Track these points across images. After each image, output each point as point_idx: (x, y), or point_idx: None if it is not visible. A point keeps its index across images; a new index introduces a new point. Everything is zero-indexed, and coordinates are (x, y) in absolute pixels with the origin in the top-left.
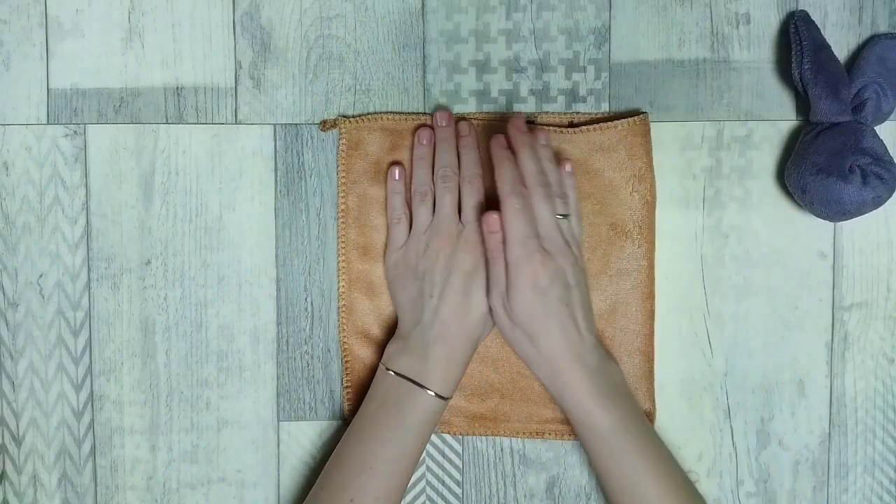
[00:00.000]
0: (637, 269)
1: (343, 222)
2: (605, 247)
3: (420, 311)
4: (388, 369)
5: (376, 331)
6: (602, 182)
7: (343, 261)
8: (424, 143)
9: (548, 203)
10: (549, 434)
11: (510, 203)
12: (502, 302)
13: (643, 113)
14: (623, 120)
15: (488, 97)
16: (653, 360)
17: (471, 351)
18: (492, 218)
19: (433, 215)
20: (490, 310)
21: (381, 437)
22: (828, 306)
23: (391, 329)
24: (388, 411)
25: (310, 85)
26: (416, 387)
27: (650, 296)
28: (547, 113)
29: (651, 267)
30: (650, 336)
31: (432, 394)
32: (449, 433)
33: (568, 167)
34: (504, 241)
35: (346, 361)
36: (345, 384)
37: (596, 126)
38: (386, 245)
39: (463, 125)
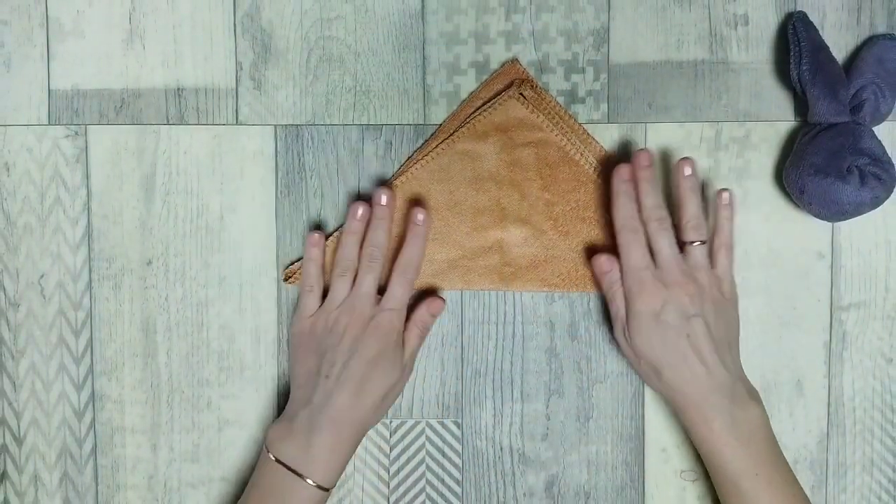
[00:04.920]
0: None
1: None
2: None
3: (312, 390)
4: (269, 453)
5: None
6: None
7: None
8: (358, 218)
9: (665, 235)
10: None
11: (623, 236)
12: (624, 334)
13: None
14: (498, 98)
15: None
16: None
17: (358, 440)
18: (600, 260)
19: (350, 292)
20: (398, 395)
21: None
22: (826, 306)
23: None
24: (270, 502)
25: (310, 86)
26: (297, 477)
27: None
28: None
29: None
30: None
31: (313, 485)
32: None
33: (725, 198)
34: (623, 274)
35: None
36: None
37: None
38: (294, 311)
39: (418, 212)
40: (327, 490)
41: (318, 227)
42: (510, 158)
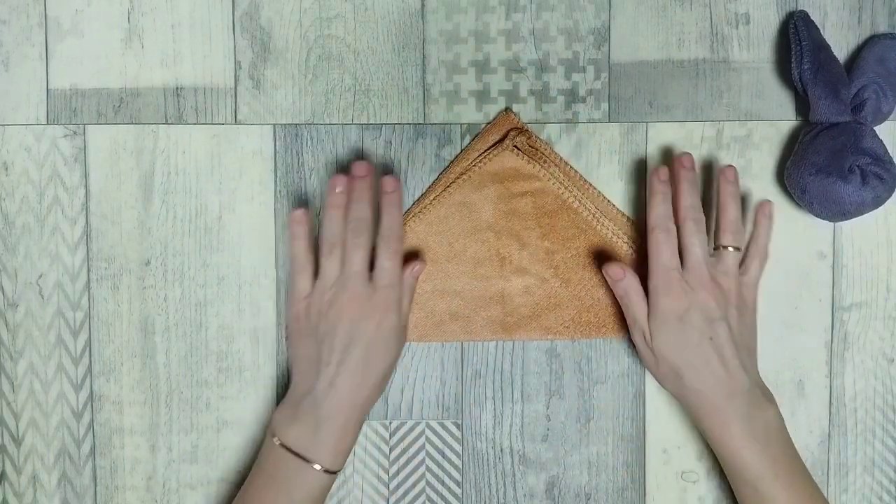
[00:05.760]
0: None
1: None
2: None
3: (314, 377)
4: (274, 438)
5: None
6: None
7: None
8: (338, 189)
9: (699, 236)
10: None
11: (655, 235)
12: (643, 336)
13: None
14: (491, 148)
15: (488, 97)
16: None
17: (363, 420)
18: (612, 268)
19: (341, 270)
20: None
21: None
22: (827, 306)
23: None
24: (276, 487)
25: (309, 85)
26: (304, 462)
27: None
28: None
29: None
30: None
31: (321, 469)
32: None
33: (767, 209)
34: (649, 273)
35: None
36: None
37: (481, 160)
38: (288, 295)
39: (388, 181)
40: (334, 473)
41: (302, 204)
42: (507, 208)
